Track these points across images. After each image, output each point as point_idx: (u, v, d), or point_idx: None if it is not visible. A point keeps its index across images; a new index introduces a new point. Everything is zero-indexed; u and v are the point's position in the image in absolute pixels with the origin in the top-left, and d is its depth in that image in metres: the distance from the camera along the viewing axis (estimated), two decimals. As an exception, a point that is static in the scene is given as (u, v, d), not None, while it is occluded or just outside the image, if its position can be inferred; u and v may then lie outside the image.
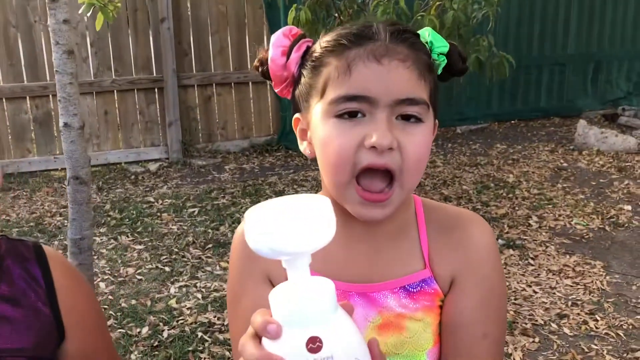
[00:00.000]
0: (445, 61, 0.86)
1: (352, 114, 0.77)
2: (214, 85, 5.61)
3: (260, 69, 0.90)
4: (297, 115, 0.88)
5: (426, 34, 0.87)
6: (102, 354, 0.89)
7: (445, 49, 0.86)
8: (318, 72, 0.82)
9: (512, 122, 6.54)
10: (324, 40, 0.83)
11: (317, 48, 0.83)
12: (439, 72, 0.87)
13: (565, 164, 5.02)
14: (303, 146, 0.87)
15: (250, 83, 5.72)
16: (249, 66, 5.67)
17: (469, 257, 0.86)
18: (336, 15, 3.43)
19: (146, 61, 5.36)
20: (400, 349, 0.83)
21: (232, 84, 5.67)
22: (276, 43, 0.86)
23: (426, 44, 0.85)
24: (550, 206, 4.06)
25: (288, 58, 0.85)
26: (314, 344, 0.55)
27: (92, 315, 0.89)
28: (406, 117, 0.78)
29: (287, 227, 0.56)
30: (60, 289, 0.85)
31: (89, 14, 1.65)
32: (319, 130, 0.81)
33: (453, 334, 0.84)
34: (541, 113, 6.68)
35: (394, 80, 0.77)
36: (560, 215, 3.89)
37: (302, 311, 0.57)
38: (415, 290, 0.84)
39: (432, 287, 0.85)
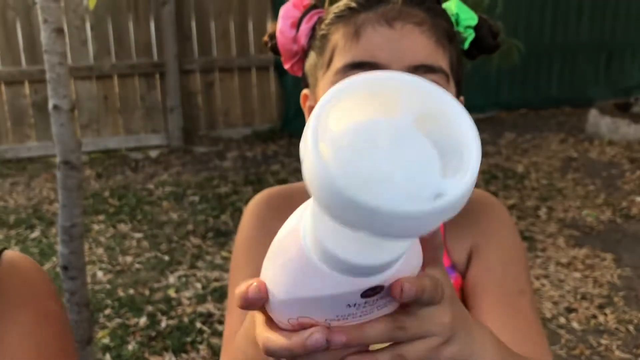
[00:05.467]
0: (474, 35, 0.79)
1: None
2: (216, 70, 5.51)
3: (269, 44, 0.83)
4: (305, 91, 0.81)
5: (452, 5, 0.79)
6: None
7: (474, 22, 0.79)
8: (326, 42, 0.74)
9: (522, 110, 6.42)
10: (334, 7, 0.76)
11: (327, 17, 0.76)
12: (466, 46, 0.80)
13: (575, 154, 4.91)
14: None
15: (253, 68, 5.62)
16: (252, 51, 5.56)
17: (484, 228, 0.81)
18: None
19: (147, 45, 5.26)
20: None
21: (235, 69, 5.57)
22: (285, 14, 0.79)
23: (452, 16, 0.78)
24: (559, 197, 3.96)
25: (298, 30, 0.79)
26: (372, 291, 0.40)
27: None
28: None
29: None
30: None
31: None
32: None
33: (486, 293, 0.74)
34: (552, 102, 6.55)
35: (408, 45, 0.69)
36: (570, 207, 3.79)
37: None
38: None
39: (452, 277, 0.78)
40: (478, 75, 5.88)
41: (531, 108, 6.45)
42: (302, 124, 0.41)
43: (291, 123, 5.60)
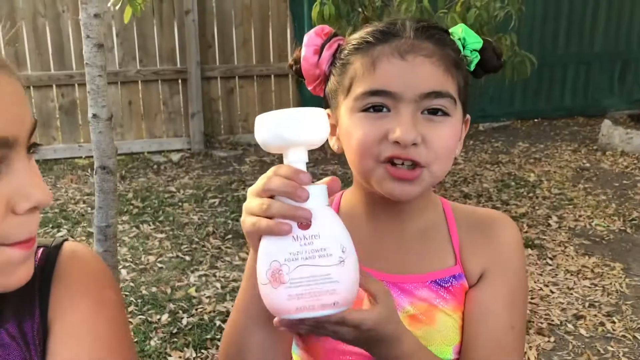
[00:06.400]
0: (479, 57, 0.87)
1: (376, 108, 0.79)
2: (236, 77, 5.66)
3: (294, 67, 0.92)
4: (327, 111, 0.89)
5: (459, 30, 0.87)
6: None
7: (479, 46, 0.87)
8: (345, 69, 0.83)
9: (535, 120, 6.48)
10: (352, 39, 0.85)
11: (346, 46, 0.85)
12: (472, 68, 0.87)
13: (587, 164, 4.96)
14: (332, 141, 0.88)
15: (272, 76, 5.76)
16: (271, 59, 5.70)
17: (498, 253, 0.87)
18: (360, 10, 3.43)
19: (170, 52, 5.42)
20: (429, 342, 0.83)
21: (255, 76, 5.71)
22: (309, 42, 0.88)
23: (459, 40, 0.86)
24: (570, 206, 4.03)
25: (320, 57, 0.87)
26: (303, 223, 0.62)
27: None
28: (432, 112, 0.79)
29: (287, 120, 0.65)
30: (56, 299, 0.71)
31: (117, 7, 1.69)
32: (345, 125, 0.83)
33: (482, 325, 0.85)
34: (565, 112, 6.59)
35: (419, 76, 0.78)
36: (580, 216, 3.86)
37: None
38: (446, 285, 0.86)
39: (460, 283, 0.86)
40: (494, 85, 5.95)
41: (545, 118, 6.49)
42: None
43: (308, 129, 5.71)
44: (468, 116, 0.88)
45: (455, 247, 0.88)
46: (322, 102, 0.92)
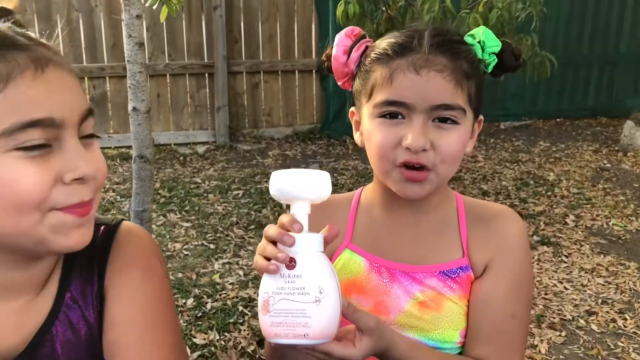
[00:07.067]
0: (496, 60, 0.94)
1: (392, 115, 0.89)
2: (261, 72, 5.78)
3: (325, 64, 1.02)
4: (352, 108, 1.00)
5: (480, 32, 0.95)
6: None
7: (497, 49, 0.94)
8: (368, 76, 0.93)
9: (558, 120, 6.47)
10: (376, 46, 0.94)
11: (370, 54, 0.94)
12: (490, 70, 0.95)
13: (608, 165, 4.97)
14: (357, 136, 0.99)
15: (296, 72, 5.86)
16: (296, 55, 5.80)
17: (502, 246, 0.95)
18: (384, 9, 3.51)
19: (198, 47, 5.56)
20: (437, 326, 0.93)
21: (279, 71, 5.83)
22: (339, 42, 0.98)
23: (478, 43, 0.94)
24: (588, 206, 4.06)
25: (349, 57, 0.96)
26: (290, 262, 0.75)
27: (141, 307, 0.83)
28: (443, 120, 0.89)
29: (294, 180, 0.77)
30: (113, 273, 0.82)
31: (154, 7, 1.81)
32: (366, 127, 0.94)
33: (484, 312, 0.93)
34: (588, 112, 6.57)
35: (431, 90, 0.87)
36: (598, 216, 3.89)
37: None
38: (453, 275, 0.95)
39: (467, 274, 0.95)
40: (515, 84, 5.98)
41: (567, 117, 6.49)
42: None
43: (330, 125, 5.81)
44: (481, 117, 0.97)
45: (464, 241, 0.97)
46: (344, 97, 1.02)
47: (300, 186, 0.76)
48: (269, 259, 0.75)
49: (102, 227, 0.85)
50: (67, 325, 0.80)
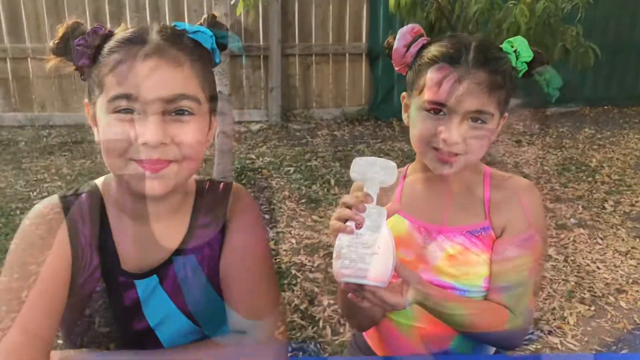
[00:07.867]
0: (527, 68, 1.15)
1: (435, 111, 1.11)
2: (313, 55, 6.02)
3: (387, 52, 1.23)
4: (404, 93, 1.23)
5: (517, 42, 1.15)
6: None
7: (530, 58, 1.14)
8: (420, 74, 1.14)
9: (605, 107, 6.46)
10: (430, 51, 1.14)
11: (426, 55, 1.14)
12: (520, 75, 1.16)
13: (653, 153, 5.00)
14: (405, 116, 1.22)
15: (347, 55, 6.07)
16: (347, 39, 6.01)
17: (517, 211, 1.18)
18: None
19: (255, 31, 5.83)
20: (465, 273, 1.18)
21: (330, 54, 6.05)
22: (400, 37, 1.19)
23: (514, 53, 1.13)
24: (628, 192, 4.15)
25: (407, 51, 1.18)
26: (359, 224, 0.97)
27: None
28: (474, 120, 1.10)
29: (368, 165, 0.99)
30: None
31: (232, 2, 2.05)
32: (413, 114, 1.16)
33: (501, 266, 1.16)
34: (637, 100, 6.49)
35: (468, 99, 1.09)
36: (637, 202, 3.98)
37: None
38: (477, 234, 1.19)
39: (488, 233, 1.19)
40: (562, 71, 5.98)
41: (615, 105, 6.45)
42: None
43: (378, 107, 5.99)
44: (506, 114, 1.19)
45: (486, 207, 1.20)
46: (392, 81, 1.23)
47: (375, 170, 0.98)
48: (343, 222, 0.99)
49: (221, 184, 1.14)
50: (200, 243, 1.08)
